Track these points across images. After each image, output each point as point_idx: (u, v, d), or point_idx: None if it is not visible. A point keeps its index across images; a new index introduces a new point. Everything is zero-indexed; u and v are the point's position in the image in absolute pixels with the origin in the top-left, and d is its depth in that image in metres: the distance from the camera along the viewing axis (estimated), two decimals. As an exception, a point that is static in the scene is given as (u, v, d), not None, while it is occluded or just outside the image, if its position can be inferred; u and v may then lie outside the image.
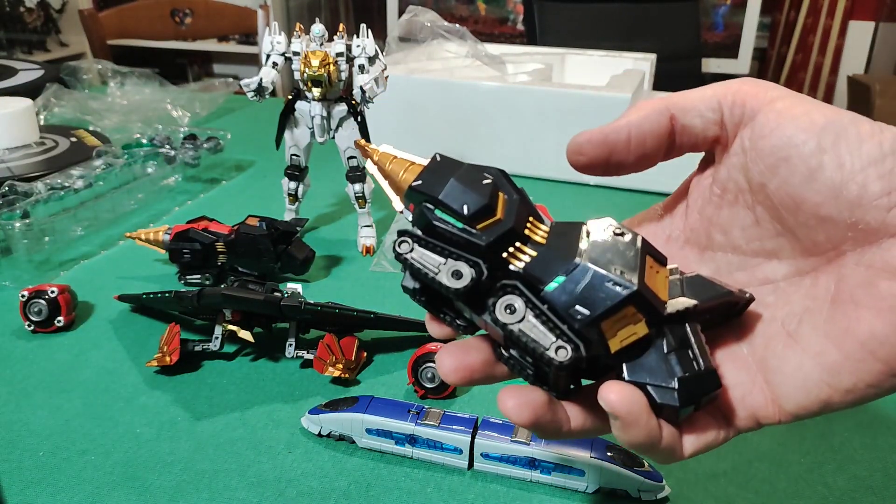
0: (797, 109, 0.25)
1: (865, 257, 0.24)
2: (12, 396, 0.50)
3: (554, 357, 0.25)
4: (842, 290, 0.25)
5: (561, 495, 0.42)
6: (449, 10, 2.72)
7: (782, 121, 0.25)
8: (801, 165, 0.25)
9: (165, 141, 0.93)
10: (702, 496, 0.43)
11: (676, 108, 0.28)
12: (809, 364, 0.24)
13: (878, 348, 0.23)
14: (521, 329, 0.25)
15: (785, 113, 0.25)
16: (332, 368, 0.51)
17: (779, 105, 0.26)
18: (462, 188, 0.26)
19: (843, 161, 0.24)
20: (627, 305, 0.25)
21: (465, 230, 0.26)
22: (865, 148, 0.24)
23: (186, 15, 2.08)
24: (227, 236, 0.64)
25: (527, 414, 0.26)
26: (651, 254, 0.27)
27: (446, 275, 0.26)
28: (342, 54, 0.65)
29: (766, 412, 0.26)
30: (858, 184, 0.23)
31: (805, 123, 0.25)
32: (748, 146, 0.26)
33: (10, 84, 1.21)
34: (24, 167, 0.87)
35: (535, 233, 0.27)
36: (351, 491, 0.42)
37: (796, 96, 0.26)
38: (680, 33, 1.94)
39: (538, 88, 0.93)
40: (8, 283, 0.65)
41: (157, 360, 0.52)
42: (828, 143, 0.24)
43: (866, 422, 0.49)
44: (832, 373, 0.24)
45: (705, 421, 0.27)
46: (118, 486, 0.42)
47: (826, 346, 0.24)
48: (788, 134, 0.25)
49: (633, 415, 0.24)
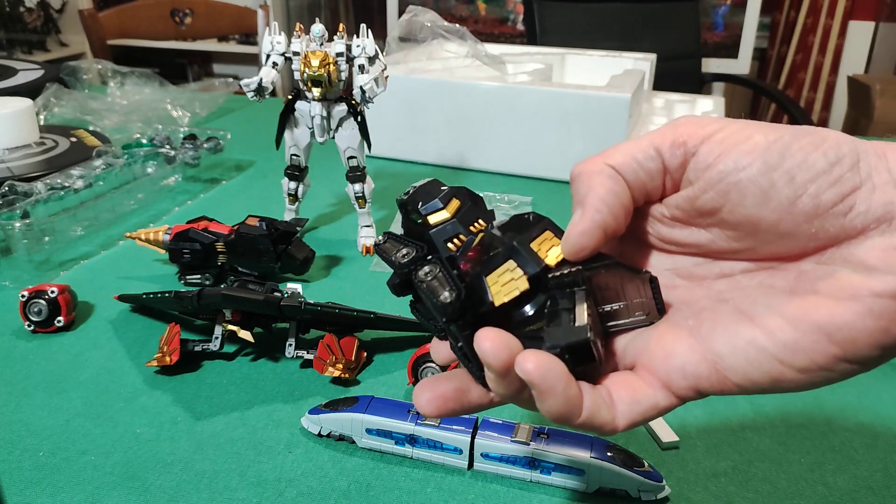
0: (739, 136, 0.26)
1: (826, 256, 0.25)
2: (12, 396, 0.50)
3: (439, 300, 0.27)
4: (801, 282, 0.25)
5: (561, 495, 0.42)
6: (449, 10, 2.72)
7: (725, 148, 0.26)
8: (751, 187, 0.25)
9: (165, 141, 0.93)
10: (702, 496, 0.43)
11: (615, 163, 0.28)
12: (763, 339, 0.25)
13: (836, 332, 0.23)
14: (427, 285, 0.28)
15: (727, 141, 0.26)
16: (332, 368, 0.51)
17: (719, 136, 0.26)
18: (424, 193, 0.32)
19: (793, 176, 0.24)
20: (507, 259, 0.28)
21: (422, 224, 0.31)
22: (812, 159, 0.24)
23: (186, 15, 2.08)
24: (227, 236, 0.64)
25: (435, 405, 0.28)
26: (553, 230, 0.29)
27: (395, 254, 0.31)
28: (342, 54, 0.65)
29: (708, 383, 0.26)
30: (812, 195, 0.24)
31: (748, 147, 0.25)
32: (693, 177, 0.27)
33: (10, 84, 1.21)
34: (24, 167, 0.87)
35: (477, 230, 0.31)
36: (351, 491, 0.42)
37: (736, 124, 0.26)
38: (680, 33, 1.94)
39: (538, 88, 0.93)
40: (8, 283, 0.65)
41: (157, 360, 0.52)
42: (774, 161, 0.25)
43: (866, 422, 0.49)
44: (787, 350, 0.24)
45: (642, 391, 0.27)
46: (118, 486, 0.42)
47: (782, 325, 0.24)
48: (734, 159, 0.25)
49: (549, 382, 0.24)
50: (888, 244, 0.24)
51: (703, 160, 0.26)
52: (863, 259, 0.24)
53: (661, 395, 0.27)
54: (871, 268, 0.24)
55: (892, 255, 0.24)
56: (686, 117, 0.28)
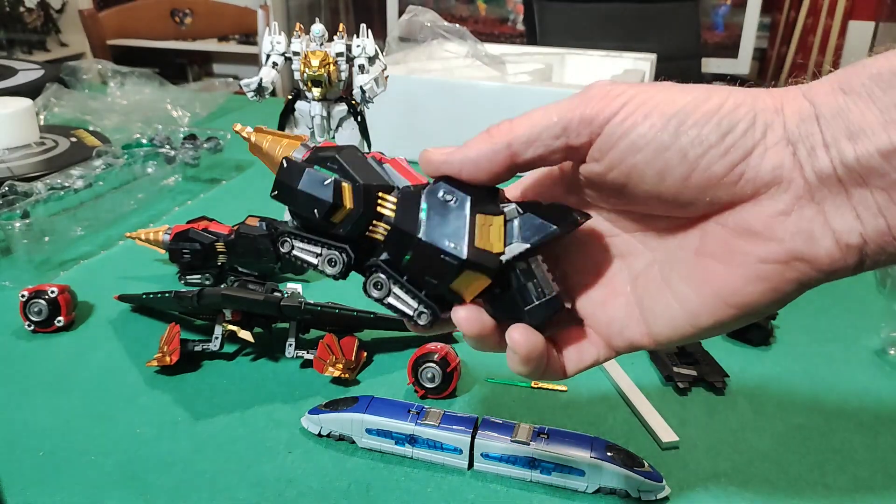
0: (640, 112, 0.26)
1: (722, 218, 0.27)
2: (12, 396, 0.50)
3: (418, 322, 0.31)
4: (704, 244, 0.27)
5: (561, 495, 0.42)
6: (449, 10, 2.72)
7: (626, 129, 0.26)
8: (647, 169, 0.26)
9: (165, 141, 0.93)
10: (702, 496, 0.43)
11: (519, 142, 0.28)
12: (675, 307, 0.28)
13: (730, 297, 0.26)
14: (389, 302, 0.31)
15: (628, 121, 0.26)
16: (332, 368, 0.51)
17: (622, 114, 0.26)
18: (307, 196, 0.30)
19: (685, 153, 0.25)
20: (462, 271, 0.29)
21: (325, 224, 0.31)
22: (704, 133, 0.25)
23: (186, 15, 2.08)
24: (227, 236, 0.64)
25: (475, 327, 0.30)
26: (483, 211, 0.30)
27: (324, 263, 0.32)
28: (342, 54, 0.65)
29: (641, 341, 0.30)
30: (703, 170, 0.25)
31: (646, 128, 0.26)
32: (598, 156, 0.28)
33: (10, 84, 1.21)
34: (24, 167, 0.87)
35: (385, 206, 0.31)
36: (351, 491, 0.42)
37: (644, 94, 0.27)
38: (680, 33, 1.94)
39: (538, 88, 0.93)
40: (8, 283, 0.65)
41: (157, 360, 0.52)
42: (668, 141, 0.26)
43: (866, 422, 0.49)
44: (693, 315, 0.28)
45: (586, 350, 0.31)
46: (118, 486, 0.42)
47: (688, 292, 0.28)
48: (632, 141, 0.26)
49: (533, 355, 0.29)
50: (774, 210, 0.25)
51: (605, 142, 0.27)
52: (751, 225, 0.26)
53: (603, 351, 0.32)
54: (757, 234, 0.25)
55: (776, 220, 0.25)
56: (600, 84, 0.28)
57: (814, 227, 0.25)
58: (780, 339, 0.59)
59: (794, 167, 0.25)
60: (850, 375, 0.55)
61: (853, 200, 0.24)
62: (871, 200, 0.24)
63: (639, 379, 0.53)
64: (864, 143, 0.23)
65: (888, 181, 0.23)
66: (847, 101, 0.24)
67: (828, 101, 0.25)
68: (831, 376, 0.55)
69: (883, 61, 0.24)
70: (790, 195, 0.25)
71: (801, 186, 0.25)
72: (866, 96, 0.24)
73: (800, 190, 0.25)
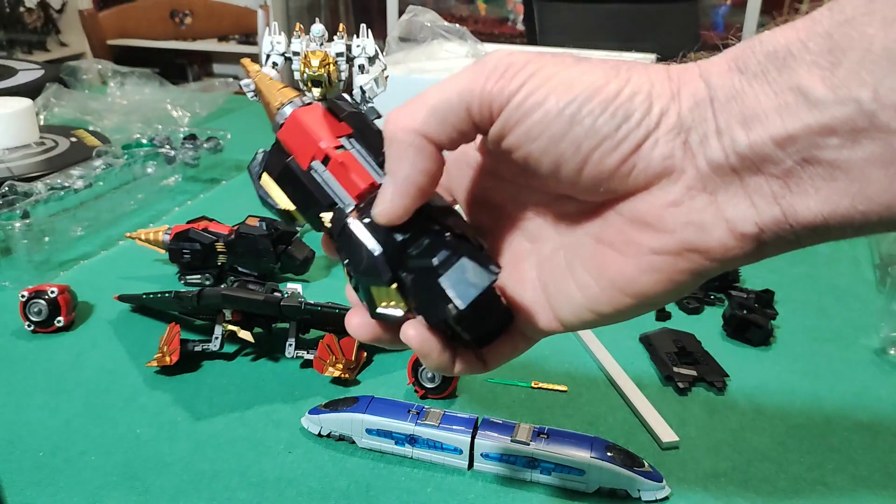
0: (538, 95, 0.25)
1: (620, 206, 0.26)
2: (12, 396, 0.50)
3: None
4: (604, 232, 0.27)
5: (561, 495, 0.42)
6: (449, 10, 2.72)
7: (521, 115, 0.25)
8: (542, 158, 0.26)
9: (165, 141, 0.93)
10: (702, 496, 0.43)
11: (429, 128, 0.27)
12: (577, 295, 0.28)
13: (626, 287, 0.26)
14: None
15: (524, 105, 0.25)
16: (332, 368, 0.51)
17: (519, 96, 0.25)
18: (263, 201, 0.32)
19: (579, 144, 0.25)
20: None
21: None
22: (598, 124, 0.24)
23: (186, 15, 2.08)
24: (227, 236, 0.64)
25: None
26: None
27: None
28: (342, 54, 0.65)
29: (549, 328, 0.30)
30: (595, 162, 0.25)
31: (541, 114, 0.25)
32: (496, 139, 0.27)
33: (10, 84, 1.21)
34: (24, 167, 0.87)
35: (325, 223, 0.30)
36: (351, 491, 0.42)
37: (543, 72, 0.25)
38: (680, 33, 1.94)
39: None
40: (8, 283, 0.65)
41: (157, 360, 0.52)
42: (561, 131, 0.25)
43: (866, 422, 0.49)
44: (593, 303, 0.28)
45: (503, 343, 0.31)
46: (118, 486, 0.42)
47: (588, 281, 0.28)
48: (527, 129, 0.25)
49: (426, 349, 0.28)
50: (665, 200, 0.25)
51: (504, 125, 0.26)
52: (643, 215, 0.25)
53: (521, 343, 0.31)
54: (649, 224, 0.25)
55: (667, 212, 0.25)
56: (499, 55, 0.26)
57: (705, 218, 0.24)
58: (780, 339, 0.59)
59: (686, 157, 0.24)
60: (850, 375, 0.55)
61: (747, 189, 0.24)
62: (766, 188, 0.23)
63: (639, 379, 0.53)
64: (757, 130, 0.23)
65: (782, 169, 0.23)
66: (742, 81, 0.23)
67: (723, 82, 0.24)
68: (831, 376, 0.55)
69: (779, 37, 0.23)
70: (681, 185, 0.24)
71: (693, 176, 0.24)
72: (762, 76, 0.23)
73: (691, 180, 0.24)
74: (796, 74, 0.22)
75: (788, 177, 0.23)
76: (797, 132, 0.22)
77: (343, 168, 0.30)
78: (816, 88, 0.22)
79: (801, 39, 0.22)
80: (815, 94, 0.22)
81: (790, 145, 0.22)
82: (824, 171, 0.22)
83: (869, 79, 0.21)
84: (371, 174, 0.29)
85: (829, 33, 0.22)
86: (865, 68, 0.21)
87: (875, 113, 0.21)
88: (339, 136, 0.31)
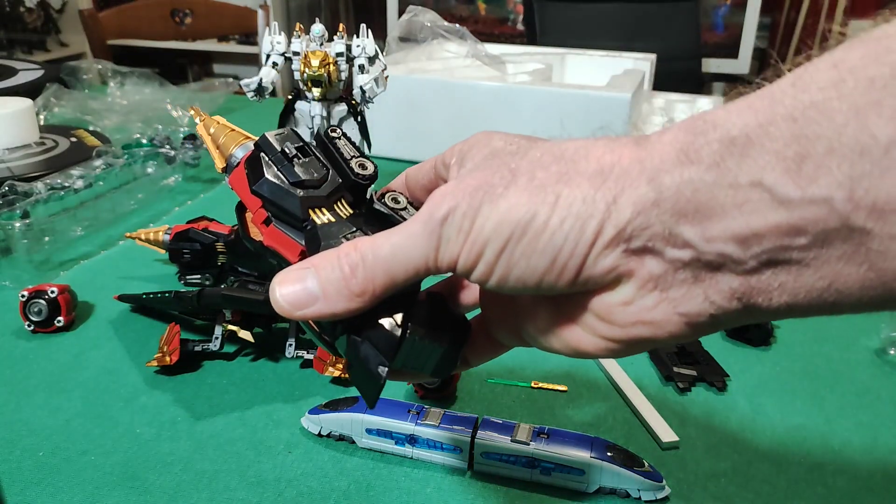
0: (477, 248, 0.25)
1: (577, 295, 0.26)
2: (12, 396, 0.50)
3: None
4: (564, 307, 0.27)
5: (561, 495, 0.42)
6: (449, 10, 2.71)
7: (469, 271, 0.25)
8: (503, 288, 0.25)
9: (165, 141, 0.93)
10: (702, 496, 0.43)
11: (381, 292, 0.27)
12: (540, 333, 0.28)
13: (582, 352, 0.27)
14: None
15: (467, 264, 0.25)
16: (332, 368, 0.51)
17: (462, 258, 0.25)
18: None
19: (525, 282, 0.25)
20: None
21: None
22: (535, 263, 0.24)
23: (186, 15, 2.08)
24: (227, 236, 0.64)
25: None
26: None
27: None
28: (342, 54, 0.65)
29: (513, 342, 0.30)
30: (545, 289, 0.25)
31: (483, 266, 0.25)
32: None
33: (10, 84, 1.21)
34: (24, 167, 0.87)
35: None
36: (351, 491, 0.42)
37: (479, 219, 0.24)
38: (680, 33, 1.94)
39: (538, 88, 0.93)
40: (8, 283, 0.65)
41: (157, 360, 0.52)
42: (504, 274, 0.25)
43: (866, 422, 0.49)
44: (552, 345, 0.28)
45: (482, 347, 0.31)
46: (118, 486, 0.42)
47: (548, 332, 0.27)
48: (475, 277, 0.25)
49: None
50: (617, 300, 0.24)
51: (454, 275, 0.27)
52: (597, 310, 0.25)
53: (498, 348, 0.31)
54: (602, 318, 0.25)
55: (618, 310, 0.25)
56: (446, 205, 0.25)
57: (655, 316, 0.24)
58: (780, 339, 0.59)
59: (631, 262, 0.23)
60: (850, 375, 0.55)
61: (702, 285, 0.22)
62: (723, 285, 0.22)
63: (639, 379, 0.53)
64: (715, 228, 0.21)
65: (744, 269, 0.21)
66: (694, 175, 0.21)
67: (671, 180, 0.22)
68: (831, 376, 0.55)
69: (735, 118, 0.21)
70: (631, 286, 0.24)
71: (643, 277, 0.23)
72: (716, 168, 0.21)
73: (641, 280, 0.24)
74: (757, 167, 0.20)
75: (750, 274, 0.21)
76: (761, 230, 0.20)
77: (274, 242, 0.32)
78: (782, 184, 0.19)
79: (760, 124, 0.20)
80: (781, 191, 0.20)
81: (754, 244, 0.21)
82: (791, 269, 0.21)
83: (841, 176, 0.19)
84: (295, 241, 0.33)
85: (792, 117, 0.20)
86: (836, 163, 0.19)
87: (848, 215, 0.19)
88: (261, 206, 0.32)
